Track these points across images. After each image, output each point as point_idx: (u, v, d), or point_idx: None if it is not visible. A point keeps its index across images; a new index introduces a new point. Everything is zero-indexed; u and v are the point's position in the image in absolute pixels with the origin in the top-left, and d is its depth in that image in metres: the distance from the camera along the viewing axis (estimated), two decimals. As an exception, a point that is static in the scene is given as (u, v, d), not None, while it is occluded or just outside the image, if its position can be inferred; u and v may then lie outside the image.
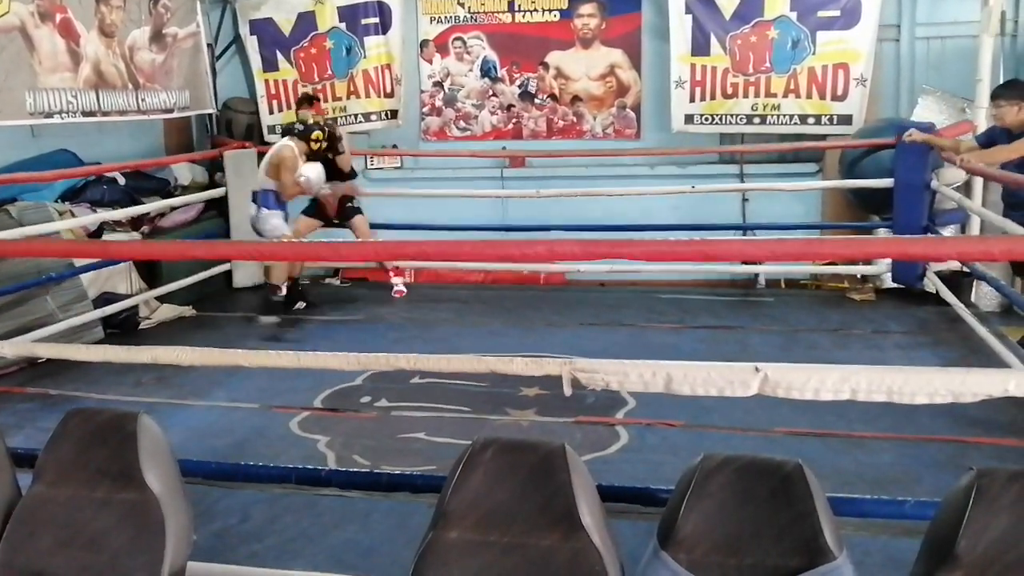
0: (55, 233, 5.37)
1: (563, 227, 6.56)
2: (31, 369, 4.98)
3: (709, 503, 1.52)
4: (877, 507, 2.25)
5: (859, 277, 6.69)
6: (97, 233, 5.96)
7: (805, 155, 7.16)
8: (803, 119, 6.88)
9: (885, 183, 6.08)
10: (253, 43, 7.76)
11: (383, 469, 3.52)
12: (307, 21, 7.64)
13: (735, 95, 6.95)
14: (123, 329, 5.81)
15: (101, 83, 5.79)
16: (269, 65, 7.78)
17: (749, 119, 6.97)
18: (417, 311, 6.42)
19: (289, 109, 7.53)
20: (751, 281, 7.07)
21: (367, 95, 7.69)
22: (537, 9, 7.41)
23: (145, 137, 7.16)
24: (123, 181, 6.38)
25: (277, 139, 6.51)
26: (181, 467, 1.93)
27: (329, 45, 7.66)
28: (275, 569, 2.73)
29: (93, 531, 1.79)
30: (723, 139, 7.30)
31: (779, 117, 6.91)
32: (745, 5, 6.79)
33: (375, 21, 7.51)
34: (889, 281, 6.47)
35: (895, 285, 6.42)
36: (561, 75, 7.51)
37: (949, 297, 5.80)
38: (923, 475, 3.43)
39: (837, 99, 6.76)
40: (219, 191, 6.89)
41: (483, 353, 2.41)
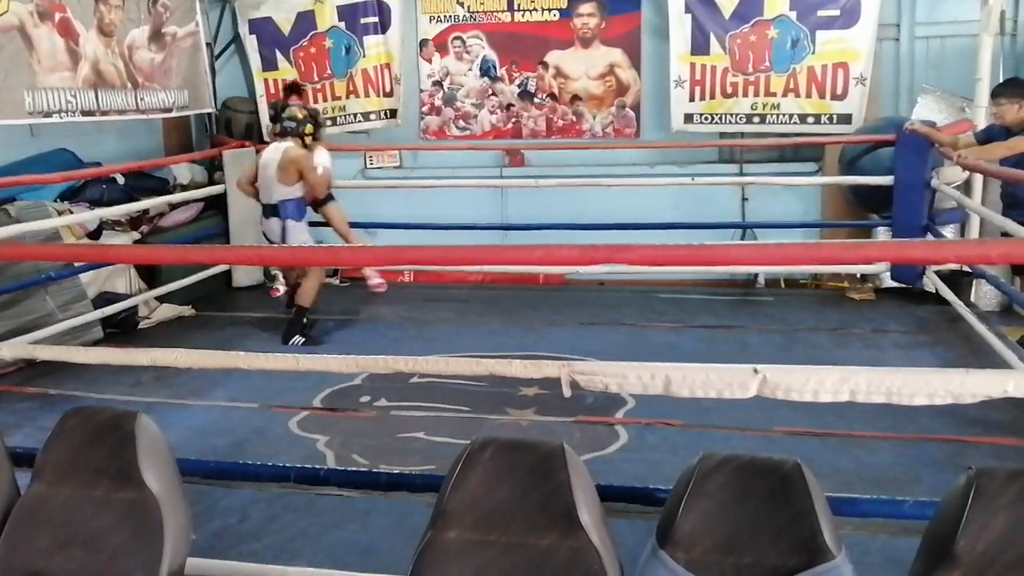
0: (54, 231, 5.36)
1: (562, 226, 6.56)
2: (30, 369, 4.97)
3: (708, 502, 1.52)
4: (876, 506, 2.25)
5: (859, 276, 6.68)
6: (96, 232, 5.96)
7: (805, 154, 7.16)
8: (803, 118, 6.89)
9: (885, 181, 6.07)
10: (252, 42, 7.76)
11: (382, 468, 3.53)
12: (306, 20, 7.64)
13: (735, 94, 6.96)
14: (122, 329, 5.80)
15: (100, 82, 5.79)
16: (268, 64, 7.78)
17: (748, 118, 6.97)
18: (416, 311, 6.42)
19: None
20: (751, 281, 7.07)
21: (366, 94, 7.70)
22: (536, 8, 7.41)
23: (144, 136, 7.15)
24: (122, 180, 6.38)
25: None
26: (180, 466, 1.93)
27: (328, 44, 7.66)
28: (274, 566, 2.73)
29: (92, 530, 1.79)
30: (722, 138, 7.30)
31: (778, 116, 6.92)
32: (745, 4, 6.79)
33: (374, 20, 7.52)
34: (889, 280, 6.47)
35: (895, 284, 6.42)
36: (560, 74, 7.51)
37: (949, 296, 5.79)
38: (922, 474, 3.43)
39: (837, 98, 6.76)
40: (218, 189, 6.88)
41: (483, 353, 2.41)
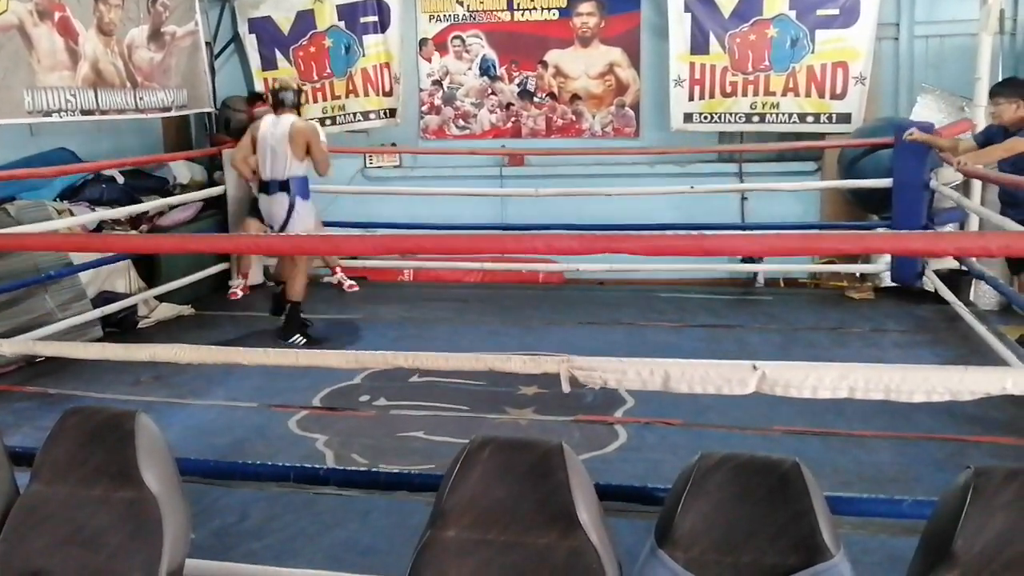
0: (53, 232, 5.36)
1: (562, 226, 6.55)
2: (29, 368, 4.97)
3: (707, 501, 1.52)
4: (875, 505, 2.26)
5: (858, 276, 6.69)
6: (96, 232, 5.95)
7: (804, 154, 7.16)
8: (802, 118, 6.89)
9: (884, 183, 6.07)
10: (252, 41, 7.77)
11: (381, 468, 3.52)
12: (306, 19, 7.64)
13: (734, 94, 6.96)
14: (122, 328, 5.80)
15: (99, 82, 5.78)
16: (268, 64, 7.78)
17: (748, 118, 6.98)
18: (416, 310, 6.42)
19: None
20: (750, 280, 7.07)
21: (366, 94, 7.70)
22: (536, 8, 7.41)
23: (144, 136, 7.15)
24: (122, 180, 6.37)
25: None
26: (179, 466, 1.93)
27: (328, 43, 7.66)
28: (273, 567, 2.73)
29: (91, 530, 1.79)
30: (722, 137, 7.31)
31: (778, 116, 6.92)
32: (744, 4, 6.80)
33: (374, 19, 7.52)
34: (888, 280, 6.47)
35: (894, 284, 6.42)
36: (560, 73, 7.51)
37: (948, 296, 5.80)
38: (921, 473, 3.43)
39: (836, 98, 6.77)
40: (218, 189, 6.88)
41: (482, 352, 2.41)
